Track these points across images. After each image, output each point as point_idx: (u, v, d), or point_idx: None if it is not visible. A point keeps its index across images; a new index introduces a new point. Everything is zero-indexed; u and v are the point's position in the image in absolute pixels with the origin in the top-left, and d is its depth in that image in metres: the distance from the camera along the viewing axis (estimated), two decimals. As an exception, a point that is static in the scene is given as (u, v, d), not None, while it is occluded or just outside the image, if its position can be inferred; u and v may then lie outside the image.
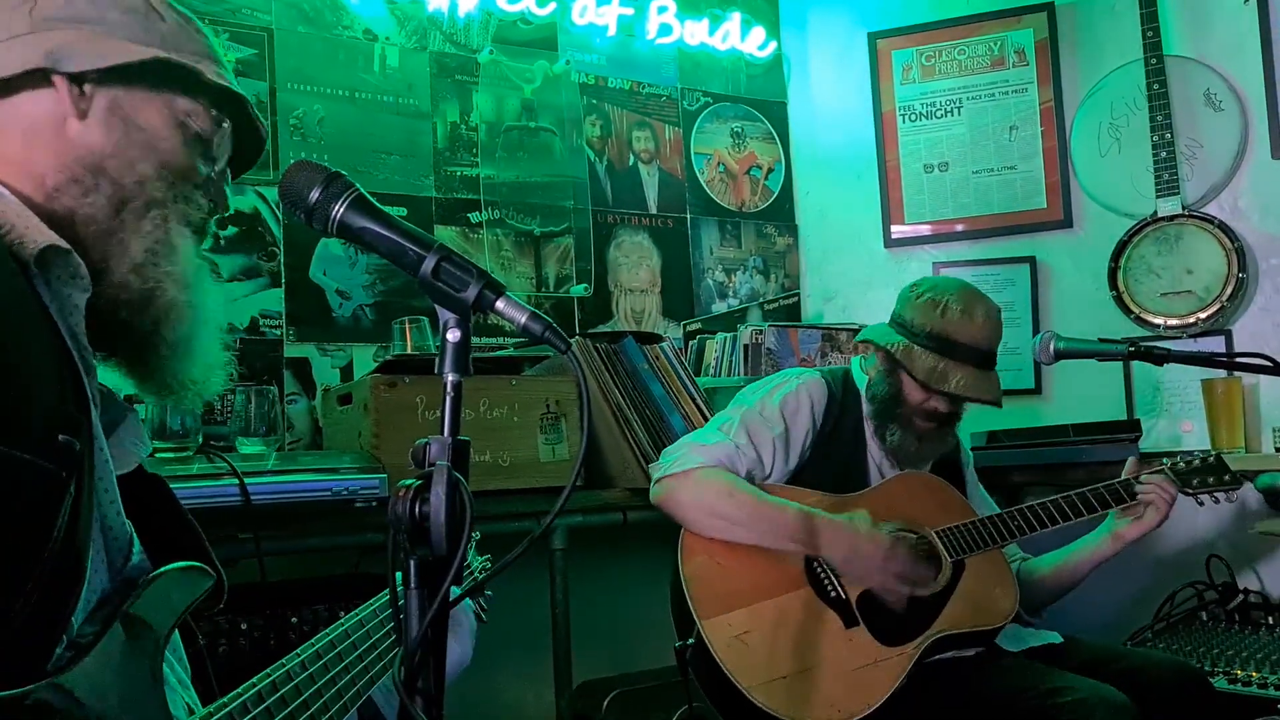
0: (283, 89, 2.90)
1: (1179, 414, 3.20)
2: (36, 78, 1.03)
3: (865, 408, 2.33)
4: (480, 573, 1.69)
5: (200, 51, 1.12)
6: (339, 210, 1.00)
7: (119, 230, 1.03)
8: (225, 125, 1.14)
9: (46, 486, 0.84)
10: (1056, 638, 2.25)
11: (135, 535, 1.03)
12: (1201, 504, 2.27)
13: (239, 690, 1.04)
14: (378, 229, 1.00)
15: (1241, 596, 2.77)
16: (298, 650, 1.15)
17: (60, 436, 0.86)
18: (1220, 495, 2.25)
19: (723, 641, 2.01)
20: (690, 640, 2.05)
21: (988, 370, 2.23)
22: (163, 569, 0.98)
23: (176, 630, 1.02)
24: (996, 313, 2.26)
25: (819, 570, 2.12)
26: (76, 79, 1.03)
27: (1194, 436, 3.12)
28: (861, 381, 2.36)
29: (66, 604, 0.87)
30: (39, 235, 0.93)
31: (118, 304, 1.02)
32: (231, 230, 2.76)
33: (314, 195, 1.00)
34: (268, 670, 1.09)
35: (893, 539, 2.10)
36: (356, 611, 1.29)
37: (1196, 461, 2.26)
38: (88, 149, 1.03)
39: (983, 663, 2.11)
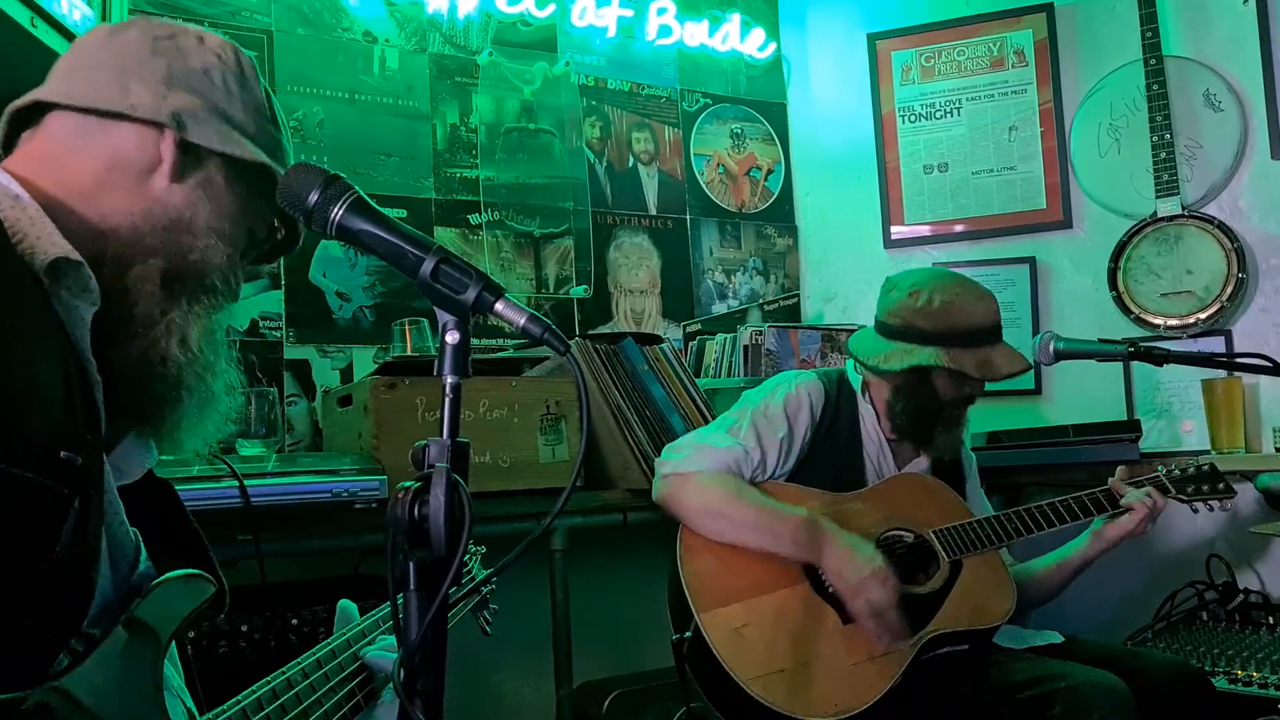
0: (282, 91, 2.90)
1: (1179, 414, 3.20)
2: (150, 124, 1.06)
3: (867, 410, 2.34)
4: (487, 592, 1.69)
5: (287, 164, 1.16)
6: (338, 213, 1.00)
7: (166, 301, 1.04)
8: (279, 235, 1.18)
9: (47, 503, 0.84)
10: (1057, 637, 2.25)
11: (142, 543, 1.03)
12: (1196, 511, 2.28)
13: (238, 697, 1.04)
14: (376, 231, 1.00)
15: (1242, 596, 2.77)
16: (298, 659, 1.15)
17: (62, 453, 0.86)
18: (1214, 503, 2.26)
19: (721, 634, 2.01)
20: (688, 633, 2.05)
21: (1004, 341, 2.29)
22: (165, 576, 0.98)
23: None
24: (975, 283, 2.32)
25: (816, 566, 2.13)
26: (186, 147, 1.06)
27: (1194, 437, 3.12)
28: (856, 381, 2.37)
29: (73, 618, 0.88)
30: (51, 245, 0.93)
31: (149, 366, 1.03)
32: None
33: (313, 198, 1.00)
34: (267, 678, 1.09)
35: (884, 573, 2.05)
36: (359, 622, 1.29)
37: (1191, 469, 2.28)
38: (164, 210, 1.05)
39: (980, 657, 2.12)
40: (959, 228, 3.57)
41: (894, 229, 3.63)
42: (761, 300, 3.61)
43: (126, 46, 1.09)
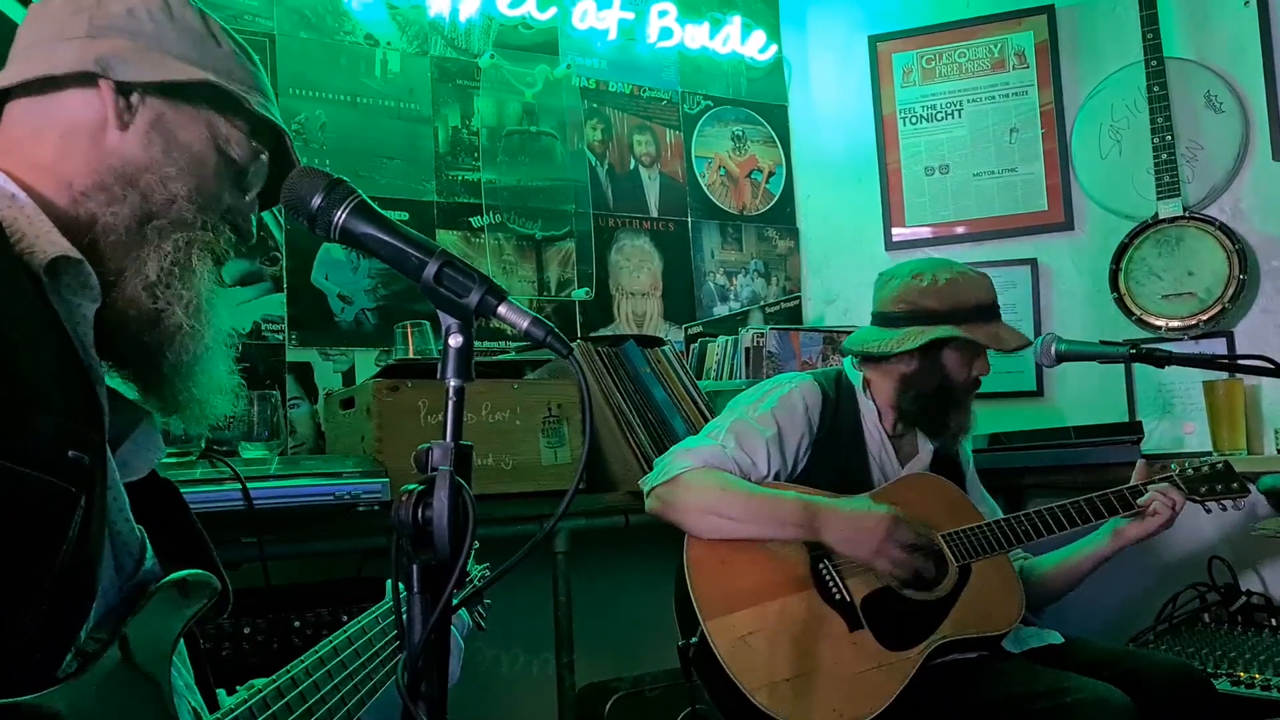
0: (284, 94, 2.91)
1: (1181, 415, 3.20)
2: (84, 81, 1.04)
3: (869, 408, 2.33)
4: (479, 581, 1.69)
5: (248, 82, 1.13)
6: (341, 216, 1.00)
7: (139, 245, 1.03)
8: (263, 156, 1.15)
9: (56, 502, 0.85)
10: (1058, 638, 2.25)
11: (147, 540, 1.04)
12: (1209, 511, 2.25)
13: (244, 697, 1.04)
14: (380, 235, 1.01)
15: (1244, 598, 2.77)
16: (301, 657, 1.15)
17: (70, 452, 0.86)
18: (1227, 503, 2.23)
19: (726, 642, 2.01)
20: (694, 639, 2.05)
21: (1001, 319, 2.32)
22: (170, 577, 0.99)
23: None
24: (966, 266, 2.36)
25: (824, 572, 2.12)
26: (124, 89, 1.05)
27: (1196, 438, 3.12)
28: (857, 380, 2.37)
29: (77, 616, 0.88)
30: (50, 245, 0.94)
31: (126, 317, 1.02)
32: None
33: (316, 201, 1.01)
34: (272, 676, 1.09)
35: (893, 516, 2.09)
36: (359, 619, 1.30)
37: (1205, 468, 2.24)
38: (122, 159, 1.04)
39: (984, 666, 2.11)
40: (960, 229, 3.57)
41: (895, 231, 3.63)
42: (763, 302, 3.61)
43: (51, 15, 1.08)
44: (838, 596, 2.10)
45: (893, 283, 2.33)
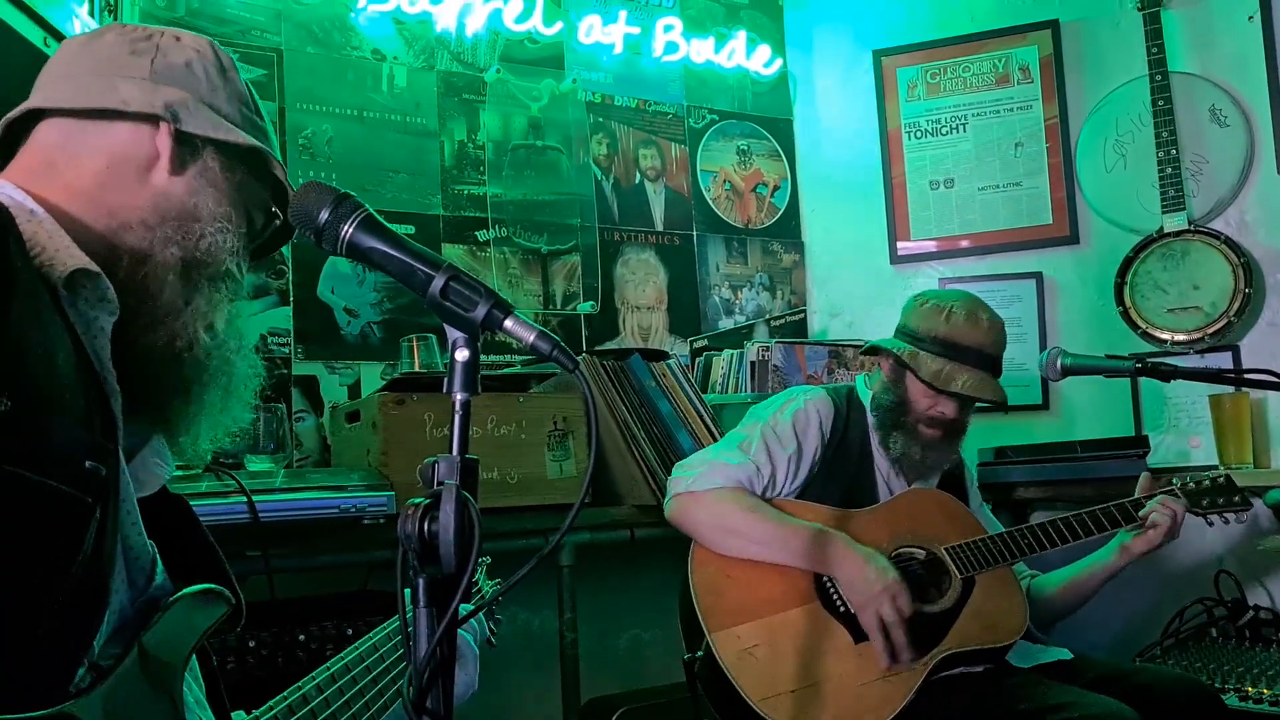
0: (292, 109, 2.92)
1: (1187, 429, 3.19)
2: (143, 119, 1.08)
3: (870, 419, 2.34)
4: (489, 591, 1.69)
5: (275, 151, 1.19)
6: (348, 231, 1.01)
7: (194, 290, 1.06)
8: (277, 221, 1.19)
9: (73, 512, 0.85)
10: (1066, 654, 2.24)
11: (159, 556, 1.04)
12: (1211, 524, 2.26)
13: (256, 714, 1.04)
14: (387, 249, 1.01)
15: (1251, 613, 2.76)
16: (312, 674, 1.15)
17: (87, 463, 0.87)
18: (1230, 516, 2.24)
19: (732, 654, 2.01)
20: (699, 652, 2.05)
21: (993, 375, 2.25)
22: (183, 591, 0.99)
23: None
24: (1000, 321, 2.29)
25: (829, 584, 2.12)
26: (183, 138, 1.08)
27: (1202, 452, 3.12)
28: (866, 397, 2.37)
29: (90, 628, 0.88)
30: (69, 258, 0.94)
31: (173, 352, 1.05)
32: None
33: (323, 216, 1.01)
34: (284, 694, 1.09)
35: (899, 583, 2.06)
36: (370, 635, 1.30)
37: (1206, 482, 2.25)
38: (170, 202, 1.08)
39: (992, 679, 2.11)
40: (965, 243, 3.57)
41: (900, 245, 3.64)
42: (768, 316, 3.61)
43: (105, 50, 1.11)
44: (842, 609, 2.10)
45: (915, 301, 2.34)
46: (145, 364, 1.01)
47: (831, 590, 2.12)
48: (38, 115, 1.08)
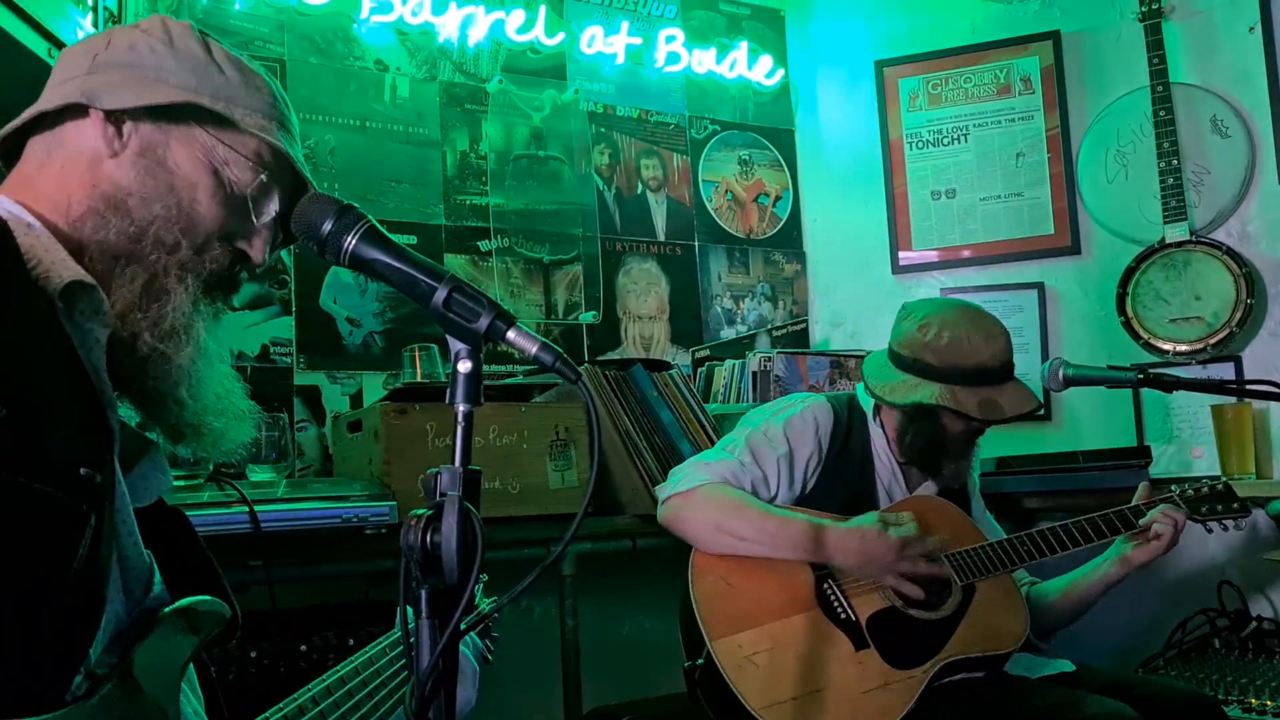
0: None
1: (1189, 440, 3.19)
2: (78, 113, 1.06)
3: (878, 434, 2.33)
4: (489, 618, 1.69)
5: (255, 107, 1.13)
6: (351, 242, 1.01)
7: (129, 266, 1.04)
8: (263, 177, 1.14)
9: (67, 519, 0.85)
10: (1069, 665, 2.24)
11: (156, 565, 1.04)
12: (1210, 531, 2.26)
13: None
14: (389, 260, 1.01)
15: (1254, 624, 2.75)
16: (308, 685, 1.15)
17: (81, 470, 0.87)
18: (1229, 523, 2.24)
19: (732, 662, 2.01)
20: (700, 660, 2.04)
21: (1015, 380, 2.25)
22: (180, 602, 0.99)
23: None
24: (1001, 324, 2.29)
25: (829, 592, 2.12)
26: (115, 119, 1.06)
27: (1204, 462, 3.11)
28: (868, 405, 2.36)
29: (85, 635, 0.88)
30: (64, 270, 0.95)
31: (115, 341, 1.02)
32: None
33: (327, 227, 1.01)
34: (279, 705, 1.09)
35: (902, 538, 2.10)
36: (366, 649, 1.30)
37: (1205, 489, 2.25)
38: (113, 184, 1.06)
39: (994, 685, 2.11)
40: (967, 253, 3.57)
41: (902, 254, 3.64)
42: (770, 326, 3.62)
43: (68, 59, 1.12)
44: (843, 616, 2.10)
45: (906, 323, 2.30)
46: (111, 359, 1.00)
47: (832, 597, 2.12)
48: (27, 134, 1.10)
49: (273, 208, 1.16)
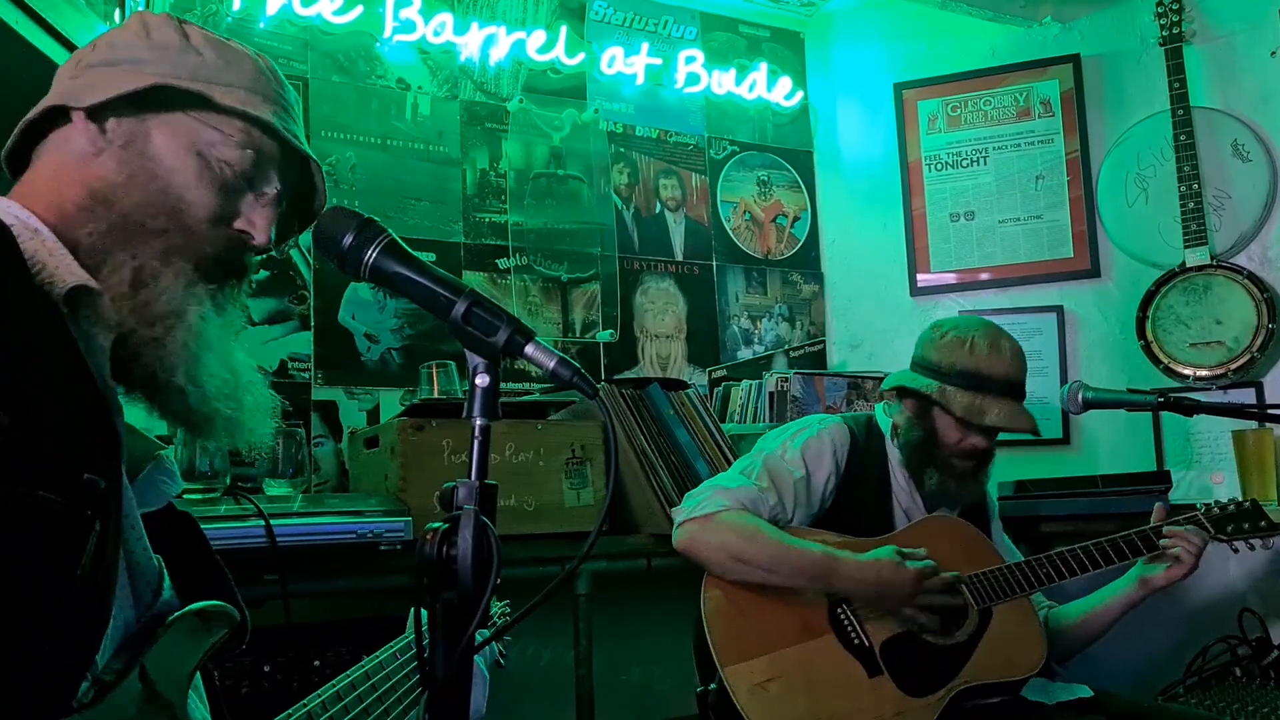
0: (316, 136, 2.96)
1: (1209, 465, 3.16)
2: (59, 117, 1.07)
3: (896, 454, 2.32)
4: (499, 618, 1.69)
5: (236, 84, 1.11)
6: (372, 255, 1.02)
7: (115, 256, 1.03)
8: (249, 151, 1.11)
9: (72, 525, 0.85)
10: (1087, 691, 2.21)
11: (165, 570, 1.04)
12: (1236, 550, 2.23)
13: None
14: (409, 274, 1.02)
15: (1276, 652, 2.71)
16: (318, 691, 1.15)
17: (85, 475, 0.87)
18: (1255, 542, 2.21)
19: (744, 688, 1.99)
20: (712, 685, 2.03)
21: (1020, 402, 2.23)
22: (188, 608, 0.99)
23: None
24: (1019, 346, 2.28)
25: (842, 617, 2.11)
26: (96, 117, 1.06)
27: (1225, 488, 3.08)
28: (886, 426, 2.35)
29: (93, 641, 0.88)
30: (69, 275, 0.95)
31: (120, 342, 1.01)
32: (262, 274, 2.80)
33: (347, 240, 1.02)
34: (289, 711, 1.09)
35: (918, 571, 2.08)
36: (376, 654, 1.30)
37: (1231, 507, 2.22)
38: (100, 180, 1.05)
39: (1010, 710, 2.08)
40: (985, 276, 3.56)
41: (920, 277, 3.63)
42: (787, 346, 3.61)
43: (62, 68, 1.12)
44: (856, 641, 2.08)
45: (929, 331, 2.31)
46: (116, 358, 1.00)
47: (846, 623, 2.10)
48: (34, 143, 1.11)
49: (270, 186, 1.13)
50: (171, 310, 1.03)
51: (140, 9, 1.13)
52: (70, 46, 1.72)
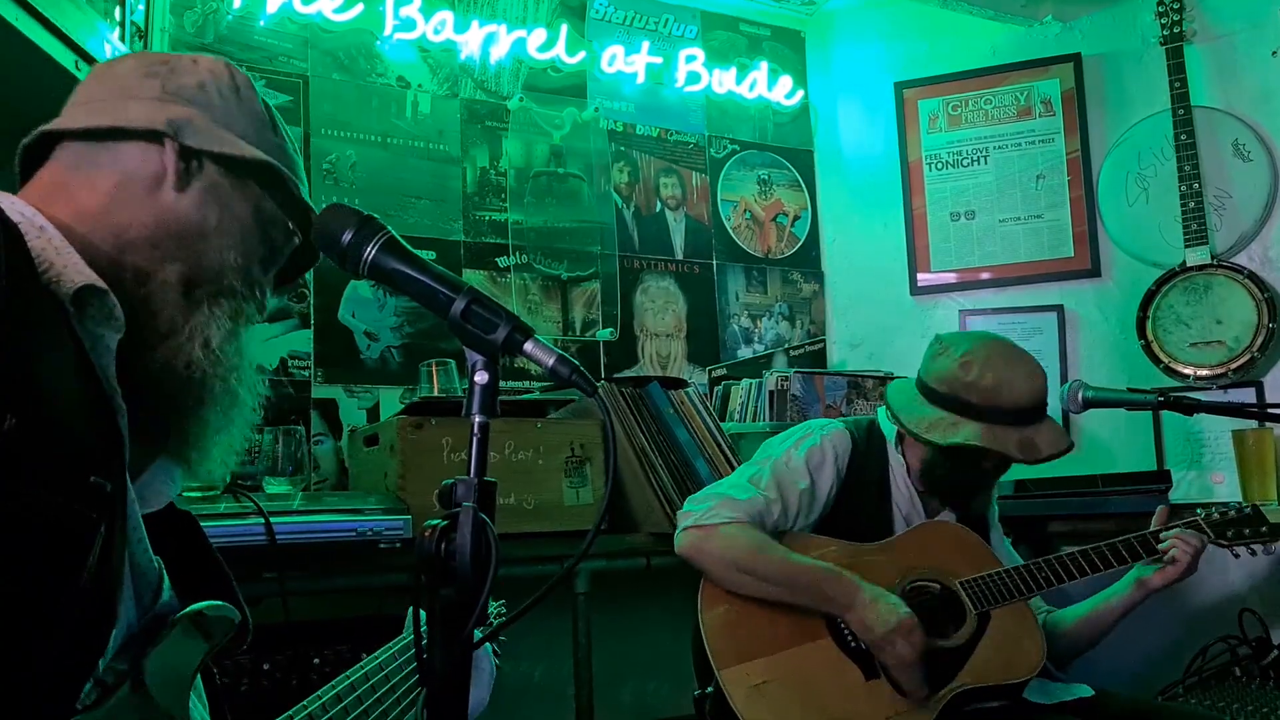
0: (316, 134, 2.96)
1: (1210, 465, 3.16)
2: (149, 138, 1.08)
3: (897, 460, 2.30)
4: (495, 618, 1.68)
5: (295, 170, 1.18)
6: (371, 252, 1.01)
7: (195, 307, 1.06)
8: (295, 239, 1.19)
9: (77, 528, 0.85)
10: (1088, 691, 2.21)
11: (165, 572, 1.04)
12: (1237, 556, 2.22)
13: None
14: (408, 271, 1.01)
15: (1276, 652, 2.71)
16: (318, 693, 1.15)
17: (92, 478, 0.87)
18: (1256, 547, 2.20)
19: (741, 691, 1.99)
20: (709, 689, 2.03)
21: (1048, 418, 2.20)
22: (190, 608, 0.99)
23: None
24: (1037, 363, 2.23)
25: (840, 621, 2.10)
26: (186, 154, 1.08)
27: (1225, 488, 3.08)
28: (888, 430, 2.34)
29: (98, 644, 0.88)
30: (76, 274, 0.95)
31: (171, 372, 1.04)
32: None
33: (347, 237, 1.02)
34: (289, 713, 1.09)
35: (911, 622, 2.04)
36: (376, 655, 1.30)
37: (1231, 513, 2.22)
38: (178, 219, 1.07)
39: (1010, 711, 2.08)
40: (986, 275, 3.56)
41: (920, 276, 3.63)
42: (787, 345, 3.61)
43: (122, 73, 1.13)
44: (853, 644, 2.07)
45: (942, 359, 2.22)
46: (147, 382, 1.01)
47: (843, 626, 2.09)
48: (56, 139, 1.09)
49: (281, 263, 1.22)
50: (246, 370, 1.10)
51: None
52: (70, 44, 1.72)
